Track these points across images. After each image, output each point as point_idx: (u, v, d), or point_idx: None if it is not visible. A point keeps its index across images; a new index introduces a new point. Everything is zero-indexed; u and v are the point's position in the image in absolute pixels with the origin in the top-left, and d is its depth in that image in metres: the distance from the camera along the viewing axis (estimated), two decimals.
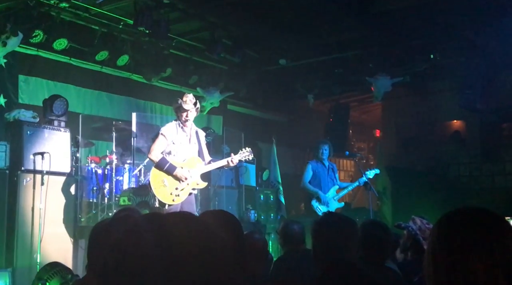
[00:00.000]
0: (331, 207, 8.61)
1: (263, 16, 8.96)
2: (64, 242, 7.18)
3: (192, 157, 6.58)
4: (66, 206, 7.30)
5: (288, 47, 10.41)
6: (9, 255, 6.70)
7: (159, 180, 6.36)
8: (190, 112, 6.51)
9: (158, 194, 6.35)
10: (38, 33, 8.07)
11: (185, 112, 6.47)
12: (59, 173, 7.25)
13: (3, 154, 6.94)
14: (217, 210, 2.70)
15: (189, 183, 6.45)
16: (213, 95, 10.73)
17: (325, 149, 8.87)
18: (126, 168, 8.47)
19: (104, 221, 2.90)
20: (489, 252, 1.52)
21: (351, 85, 12.01)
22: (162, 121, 10.43)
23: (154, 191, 6.36)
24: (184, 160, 6.52)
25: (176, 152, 6.50)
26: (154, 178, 6.39)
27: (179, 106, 6.48)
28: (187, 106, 6.46)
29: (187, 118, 6.51)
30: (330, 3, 8.31)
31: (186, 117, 6.50)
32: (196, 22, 9.12)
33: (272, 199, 11.04)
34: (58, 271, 3.84)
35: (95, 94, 9.83)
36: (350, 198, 14.59)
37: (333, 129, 12.66)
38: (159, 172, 6.38)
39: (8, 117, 7.32)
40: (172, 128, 6.54)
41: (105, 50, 9.04)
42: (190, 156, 6.58)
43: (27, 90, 8.76)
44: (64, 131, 7.52)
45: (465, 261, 1.53)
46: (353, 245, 2.95)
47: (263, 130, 12.84)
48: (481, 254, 1.52)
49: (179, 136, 6.54)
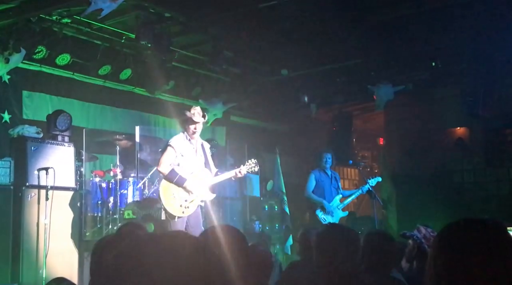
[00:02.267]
0: (336, 216, 8.60)
1: (264, 27, 8.99)
2: (70, 257, 7.18)
3: (200, 169, 6.59)
4: (71, 220, 7.30)
5: (290, 57, 10.43)
6: (15, 271, 6.70)
7: (168, 193, 6.35)
8: (199, 124, 6.53)
9: (167, 206, 6.34)
10: (40, 49, 8.13)
11: (194, 125, 6.48)
12: (64, 188, 7.26)
13: (8, 170, 6.97)
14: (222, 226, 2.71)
15: (198, 195, 6.46)
16: (216, 107, 10.76)
17: (328, 158, 8.87)
18: (130, 182, 8.49)
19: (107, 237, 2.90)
20: (490, 264, 1.52)
21: (354, 94, 12.00)
22: (166, 133, 10.47)
23: (164, 203, 6.34)
24: (192, 172, 6.52)
25: (184, 164, 6.51)
26: (163, 190, 6.38)
27: (188, 119, 6.47)
28: (197, 119, 6.48)
29: (195, 131, 6.52)
30: (331, 12, 8.33)
31: (194, 130, 6.50)
32: (197, 34, 9.16)
33: (276, 209, 11.02)
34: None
35: (98, 108, 9.87)
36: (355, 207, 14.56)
37: (337, 138, 12.64)
38: (168, 184, 6.38)
39: (12, 133, 7.34)
40: (180, 140, 6.54)
41: (108, 64, 9.09)
42: (197, 168, 6.58)
43: (31, 105, 8.81)
44: (68, 146, 7.55)
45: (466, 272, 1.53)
46: (356, 256, 2.95)
47: (266, 140, 12.83)
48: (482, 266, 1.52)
49: (187, 148, 6.56)
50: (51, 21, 7.99)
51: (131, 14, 8.02)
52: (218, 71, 10.12)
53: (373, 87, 10.81)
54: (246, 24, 8.82)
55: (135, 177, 8.56)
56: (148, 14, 7.96)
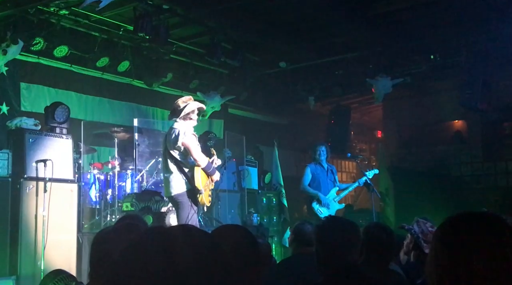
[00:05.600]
0: (332, 209, 8.61)
1: (263, 20, 8.98)
2: (68, 249, 7.18)
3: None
4: (69, 213, 7.30)
5: (288, 50, 10.42)
6: (13, 263, 6.70)
7: (205, 183, 6.33)
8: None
9: (206, 196, 6.32)
10: (38, 40, 8.09)
11: (196, 111, 6.44)
12: (62, 180, 7.25)
13: (6, 162, 6.96)
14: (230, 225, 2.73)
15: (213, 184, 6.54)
16: (214, 99, 10.74)
17: (322, 151, 8.86)
18: (129, 174, 8.49)
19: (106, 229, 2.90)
20: (491, 256, 1.53)
21: (352, 87, 12.00)
22: (164, 126, 10.45)
23: (203, 193, 6.27)
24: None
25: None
26: (203, 180, 6.29)
27: (192, 109, 6.34)
28: (194, 104, 6.42)
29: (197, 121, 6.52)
30: (329, 5, 8.32)
31: (196, 116, 6.48)
32: (195, 27, 9.15)
33: (274, 202, 11.03)
34: (62, 278, 3.84)
35: (96, 101, 9.86)
36: (352, 199, 14.60)
37: (334, 131, 12.67)
38: (203, 174, 6.34)
39: (10, 125, 7.32)
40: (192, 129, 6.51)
41: (106, 57, 9.06)
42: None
43: (29, 97, 8.79)
44: (66, 138, 7.53)
45: (468, 264, 1.53)
46: (356, 249, 2.95)
47: (264, 133, 12.83)
48: (484, 258, 1.53)
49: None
50: (49, 13, 7.96)
51: (129, 6, 7.99)
52: (216, 63, 10.11)
53: (371, 80, 10.81)
54: (244, 16, 8.81)
55: (133, 170, 8.55)
56: (146, 6, 7.93)
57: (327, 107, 13.49)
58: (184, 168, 6.28)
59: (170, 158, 6.32)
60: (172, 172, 6.29)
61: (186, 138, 6.17)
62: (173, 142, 6.20)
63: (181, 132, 6.18)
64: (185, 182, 6.26)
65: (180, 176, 6.26)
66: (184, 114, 6.28)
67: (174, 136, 6.20)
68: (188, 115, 6.32)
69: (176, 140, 6.17)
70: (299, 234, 4.60)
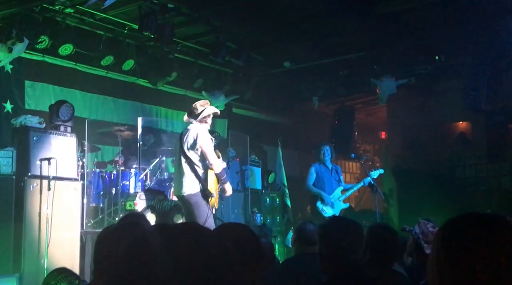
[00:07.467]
0: (337, 208, 8.62)
1: (267, 19, 8.97)
2: (71, 247, 7.19)
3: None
4: (73, 211, 7.30)
5: (293, 50, 10.42)
6: (16, 261, 6.71)
7: (217, 187, 6.47)
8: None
9: (217, 198, 6.44)
10: (43, 38, 8.11)
11: (211, 116, 6.51)
12: (66, 178, 7.25)
13: (10, 160, 6.97)
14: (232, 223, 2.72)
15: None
16: (218, 99, 10.75)
17: (326, 151, 8.87)
18: (132, 173, 8.50)
19: (110, 227, 2.90)
20: (494, 258, 1.52)
21: (356, 87, 11.99)
22: (168, 125, 10.46)
23: (215, 196, 6.40)
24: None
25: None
26: (215, 184, 6.44)
27: (208, 113, 6.44)
28: (211, 108, 6.51)
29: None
30: (334, 5, 8.31)
31: (210, 120, 6.55)
32: (200, 26, 9.14)
33: (278, 202, 11.03)
34: (65, 276, 3.84)
35: (100, 99, 9.87)
36: (356, 200, 14.58)
37: (339, 131, 12.65)
38: (216, 179, 6.45)
39: (15, 123, 7.33)
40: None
41: (111, 55, 9.07)
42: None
43: (34, 95, 8.81)
44: (70, 136, 7.52)
45: (470, 266, 1.53)
46: (360, 249, 2.95)
47: (268, 133, 12.83)
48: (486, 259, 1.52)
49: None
50: (54, 11, 7.97)
51: (134, 4, 8.00)
52: (221, 63, 10.11)
53: (375, 80, 10.80)
54: (249, 16, 8.80)
55: (137, 168, 8.56)
56: (151, 4, 7.94)
57: (331, 107, 13.48)
58: (198, 169, 6.36)
59: (185, 158, 6.38)
60: (185, 172, 6.36)
61: (205, 141, 6.30)
62: (192, 144, 6.30)
63: (200, 134, 6.29)
64: (198, 183, 6.34)
65: (193, 177, 6.34)
66: (201, 117, 6.39)
67: (193, 138, 6.30)
68: (205, 119, 6.44)
69: (195, 142, 6.29)
70: (301, 234, 4.60)
